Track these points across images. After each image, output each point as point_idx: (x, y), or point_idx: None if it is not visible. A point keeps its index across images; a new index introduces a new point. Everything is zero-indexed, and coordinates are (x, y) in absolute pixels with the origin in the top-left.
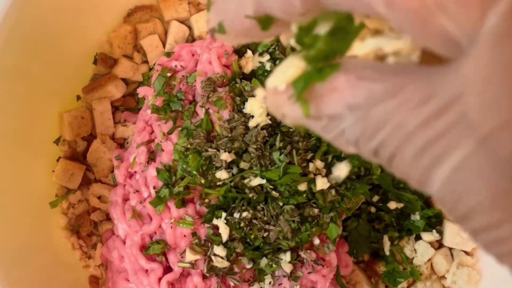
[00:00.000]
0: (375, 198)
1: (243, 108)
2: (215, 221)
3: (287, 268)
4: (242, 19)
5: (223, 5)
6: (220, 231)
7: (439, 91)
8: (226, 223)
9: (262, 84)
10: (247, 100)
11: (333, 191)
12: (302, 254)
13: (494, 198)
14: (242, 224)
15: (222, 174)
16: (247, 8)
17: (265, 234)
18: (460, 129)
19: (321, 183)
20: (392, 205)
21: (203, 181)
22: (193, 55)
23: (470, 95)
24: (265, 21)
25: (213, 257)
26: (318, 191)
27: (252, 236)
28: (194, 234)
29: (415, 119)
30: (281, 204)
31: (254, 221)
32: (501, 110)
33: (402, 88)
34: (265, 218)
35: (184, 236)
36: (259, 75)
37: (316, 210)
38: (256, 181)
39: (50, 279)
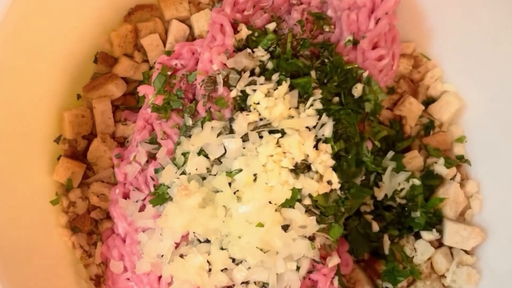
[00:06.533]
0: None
1: (244, 106)
2: None
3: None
4: None
5: None
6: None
7: None
8: None
9: None
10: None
11: (337, 191)
12: None
13: None
14: None
15: None
16: None
17: None
18: None
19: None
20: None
21: None
22: (193, 53)
23: None
24: None
25: None
26: (320, 194)
27: None
28: None
29: None
30: None
31: None
32: None
33: None
34: None
35: None
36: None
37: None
38: None
39: (51, 278)
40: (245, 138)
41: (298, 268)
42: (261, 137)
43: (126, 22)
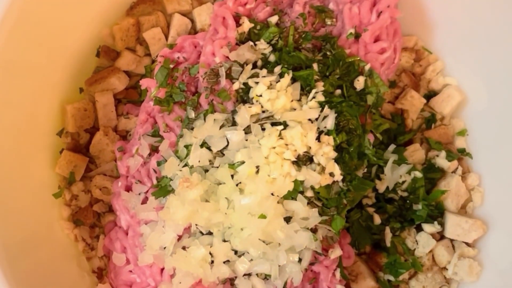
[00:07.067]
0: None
1: (247, 98)
2: None
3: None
4: None
5: None
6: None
7: None
8: None
9: None
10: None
11: (340, 183)
12: None
13: None
14: None
15: None
16: None
17: None
18: None
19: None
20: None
21: None
22: (195, 46)
23: None
24: None
25: None
26: (323, 186)
27: None
28: None
29: None
30: None
31: None
32: None
33: None
34: None
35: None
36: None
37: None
38: None
39: (54, 271)
40: (247, 130)
41: (300, 260)
42: (263, 129)
43: (129, 16)
